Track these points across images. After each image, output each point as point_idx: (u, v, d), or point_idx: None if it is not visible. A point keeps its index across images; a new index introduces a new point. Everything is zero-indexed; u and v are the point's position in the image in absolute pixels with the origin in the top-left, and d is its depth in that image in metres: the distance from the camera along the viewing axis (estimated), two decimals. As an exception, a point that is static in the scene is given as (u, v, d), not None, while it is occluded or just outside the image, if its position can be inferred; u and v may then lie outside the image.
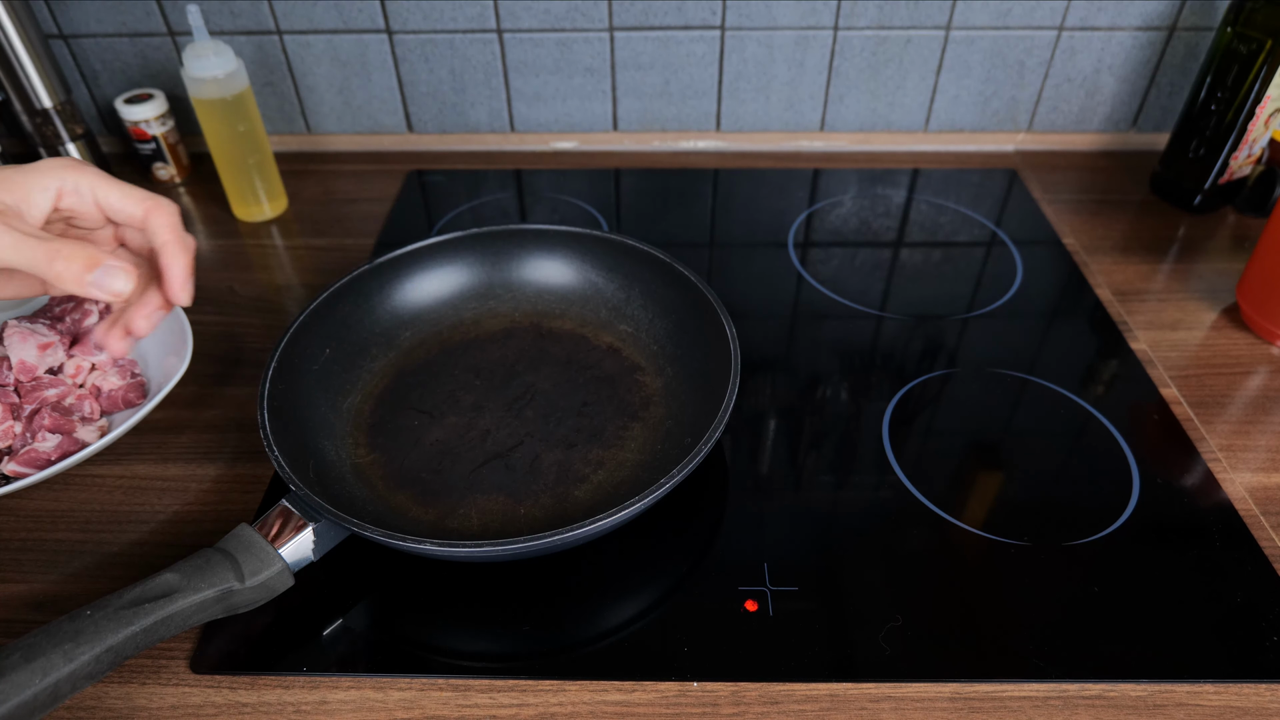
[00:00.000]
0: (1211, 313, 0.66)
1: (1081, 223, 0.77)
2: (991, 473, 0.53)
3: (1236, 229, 0.76)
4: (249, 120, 0.72)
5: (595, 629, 0.45)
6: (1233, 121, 0.72)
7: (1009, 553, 0.48)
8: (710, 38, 0.81)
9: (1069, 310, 0.67)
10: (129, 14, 0.79)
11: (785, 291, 0.69)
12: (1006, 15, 0.80)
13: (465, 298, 0.62)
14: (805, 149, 0.89)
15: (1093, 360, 0.62)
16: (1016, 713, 0.41)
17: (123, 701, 0.42)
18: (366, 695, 0.42)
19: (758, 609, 0.45)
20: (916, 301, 0.67)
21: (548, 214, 0.79)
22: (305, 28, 0.80)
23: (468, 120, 0.87)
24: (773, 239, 0.75)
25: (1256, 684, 0.42)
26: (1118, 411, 0.57)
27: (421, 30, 0.81)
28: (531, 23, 0.80)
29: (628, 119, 0.88)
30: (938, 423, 0.57)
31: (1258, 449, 0.55)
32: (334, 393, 0.55)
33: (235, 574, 0.40)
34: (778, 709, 0.41)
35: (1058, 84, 0.84)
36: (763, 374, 0.60)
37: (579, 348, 0.59)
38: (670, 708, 0.41)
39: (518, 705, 0.41)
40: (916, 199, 0.81)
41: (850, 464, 0.54)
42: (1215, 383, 0.60)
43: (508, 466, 0.51)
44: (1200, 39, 0.81)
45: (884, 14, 0.80)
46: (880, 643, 0.43)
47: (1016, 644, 0.43)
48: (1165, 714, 0.41)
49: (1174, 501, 0.51)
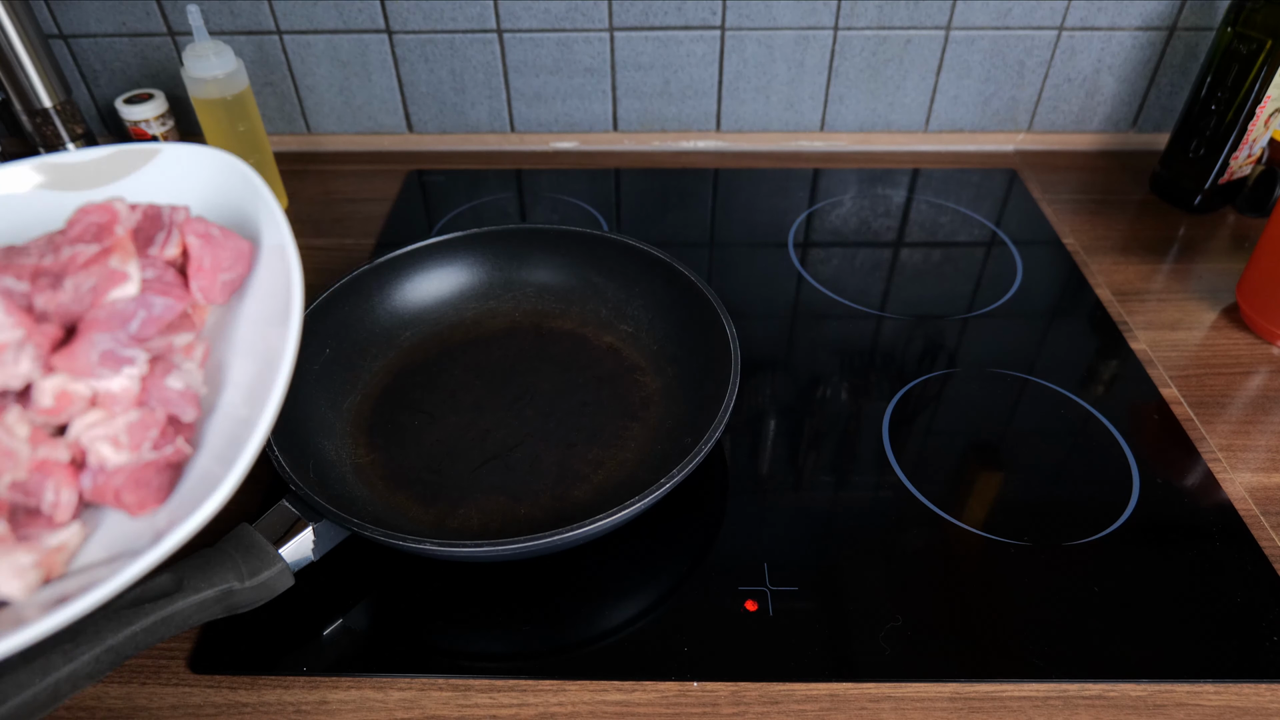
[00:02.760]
0: (1211, 313, 0.66)
1: (1081, 223, 0.77)
2: (991, 473, 0.53)
3: (1236, 229, 0.76)
4: (249, 120, 0.72)
5: (595, 629, 0.45)
6: (1233, 121, 0.72)
7: (1009, 553, 0.48)
8: (710, 38, 0.81)
9: (1069, 310, 0.67)
10: (129, 14, 0.79)
11: (785, 291, 0.69)
12: (1006, 15, 0.80)
13: (465, 298, 0.62)
14: (805, 149, 0.89)
15: (1093, 360, 0.62)
16: (1016, 713, 0.41)
17: (123, 701, 0.42)
18: (366, 695, 0.42)
19: (758, 609, 0.45)
20: (916, 301, 0.67)
21: (548, 214, 0.79)
22: (305, 28, 0.80)
23: (468, 120, 0.87)
24: (773, 239, 0.75)
25: (1256, 684, 0.42)
26: (1118, 411, 0.57)
27: (421, 30, 0.81)
28: (531, 23, 0.80)
29: (628, 119, 0.88)
30: (938, 423, 0.57)
31: (1258, 449, 0.55)
32: (334, 393, 0.55)
33: (235, 574, 0.40)
34: (778, 709, 0.41)
35: (1058, 84, 0.84)
36: (763, 374, 0.60)
37: (579, 348, 0.59)
38: (670, 708, 0.41)
39: (518, 705, 0.41)
40: (916, 199, 0.81)
41: (850, 464, 0.54)
42: (1215, 383, 0.60)
43: (508, 466, 0.51)
44: (1200, 39, 0.81)
45: (884, 14, 0.80)
46: (880, 643, 0.43)
47: (1016, 644, 0.43)
48: (1165, 714, 0.41)
49: (1174, 501, 0.51)
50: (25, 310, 0.28)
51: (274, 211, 0.35)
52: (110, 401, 0.29)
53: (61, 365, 0.28)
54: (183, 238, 0.33)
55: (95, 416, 0.29)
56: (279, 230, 0.35)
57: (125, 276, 0.29)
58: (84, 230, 0.30)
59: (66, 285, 0.29)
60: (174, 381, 0.30)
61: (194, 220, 0.33)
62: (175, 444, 0.30)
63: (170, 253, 0.33)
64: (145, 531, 0.28)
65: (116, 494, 0.29)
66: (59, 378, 0.29)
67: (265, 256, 0.35)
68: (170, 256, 0.33)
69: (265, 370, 0.30)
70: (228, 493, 0.28)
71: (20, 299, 0.28)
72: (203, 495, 0.27)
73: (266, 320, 0.33)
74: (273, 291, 0.33)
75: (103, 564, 0.28)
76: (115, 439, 0.29)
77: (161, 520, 0.29)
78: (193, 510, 0.27)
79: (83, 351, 0.28)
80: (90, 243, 0.30)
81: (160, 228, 0.33)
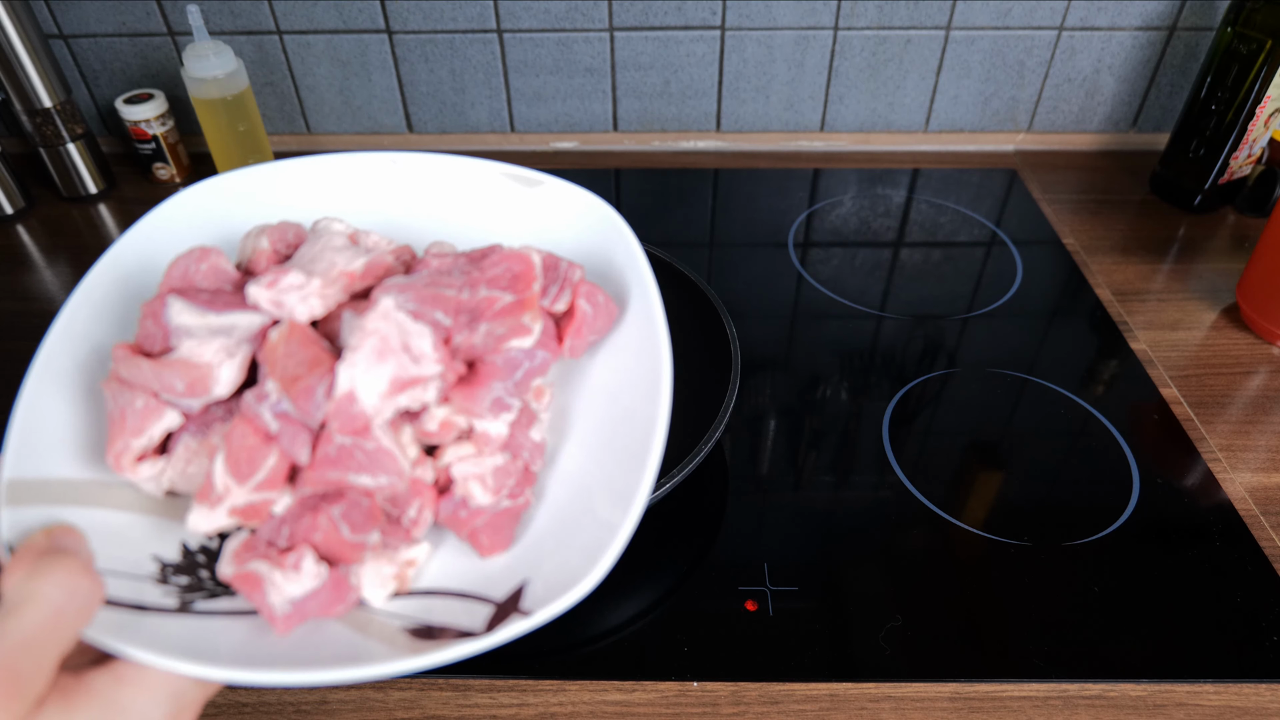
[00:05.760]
0: (1211, 313, 0.66)
1: (1081, 223, 0.77)
2: (991, 473, 0.53)
3: (1236, 229, 0.76)
4: (249, 120, 0.72)
5: (595, 629, 0.45)
6: (1233, 121, 0.72)
7: (1009, 553, 0.48)
8: (710, 38, 0.81)
9: (1069, 310, 0.67)
10: (129, 14, 0.79)
11: (785, 291, 0.69)
12: (1006, 15, 0.80)
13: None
14: (805, 149, 0.89)
15: (1093, 360, 0.62)
16: (1016, 713, 0.41)
17: (123, 701, 0.42)
18: (366, 695, 0.42)
19: (758, 609, 0.45)
20: (916, 301, 0.67)
21: (548, 214, 0.79)
22: (305, 28, 0.80)
23: (468, 120, 0.87)
24: (773, 239, 0.75)
25: (1256, 684, 0.42)
26: (1118, 411, 0.57)
27: (421, 30, 0.81)
28: (531, 23, 0.80)
29: (628, 119, 0.88)
30: (938, 423, 0.57)
31: (1258, 449, 0.55)
32: (334, 393, 0.55)
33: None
34: (778, 709, 0.41)
35: (1058, 84, 0.84)
36: (763, 374, 0.60)
37: (579, 348, 0.59)
38: (670, 708, 0.41)
39: (518, 705, 0.41)
40: (916, 199, 0.81)
41: (850, 464, 0.54)
42: (1215, 383, 0.60)
43: (508, 466, 0.51)
44: (1200, 39, 0.81)
45: (884, 14, 0.80)
46: (880, 643, 0.43)
47: (1016, 644, 0.43)
48: (1165, 714, 0.41)
49: (1174, 501, 0.51)
50: (445, 343, 0.30)
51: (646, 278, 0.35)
52: (484, 441, 0.31)
53: (459, 403, 0.30)
54: (574, 298, 0.34)
55: (468, 451, 0.31)
56: (648, 299, 0.35)
57: (529, 331, 0.31)
58: (501, 275, 0.32)
59: (480, 329, 0.31)
60: (535, 433, 0.32)
61: (587, 284, 0.34)
62: (525, 494, 0.32)
63: (559, 308, 0.34)
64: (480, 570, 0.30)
65: (475, 533, 0.30)
66: (448, 408, 0.30)
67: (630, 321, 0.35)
68: (556, 310, 0.34)
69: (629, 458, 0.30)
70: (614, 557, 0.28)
71: (443, 332, 0.30)
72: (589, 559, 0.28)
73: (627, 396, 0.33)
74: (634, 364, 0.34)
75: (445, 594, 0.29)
76: (483, 479, 0.31)
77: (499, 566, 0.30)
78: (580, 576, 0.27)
79: (482, 395, 0.31)
80: (506, 289, 0.31)
81: (555, 280, 0.34)
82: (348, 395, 0.28)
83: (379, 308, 0.29)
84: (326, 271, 0.31)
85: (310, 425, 0.29)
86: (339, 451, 0.28)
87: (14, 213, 0.78)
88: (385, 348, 0.29)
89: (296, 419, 0.29)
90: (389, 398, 0.29)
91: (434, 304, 0.30)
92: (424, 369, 0.29)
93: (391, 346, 0.29)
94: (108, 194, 0.82)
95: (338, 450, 0.28)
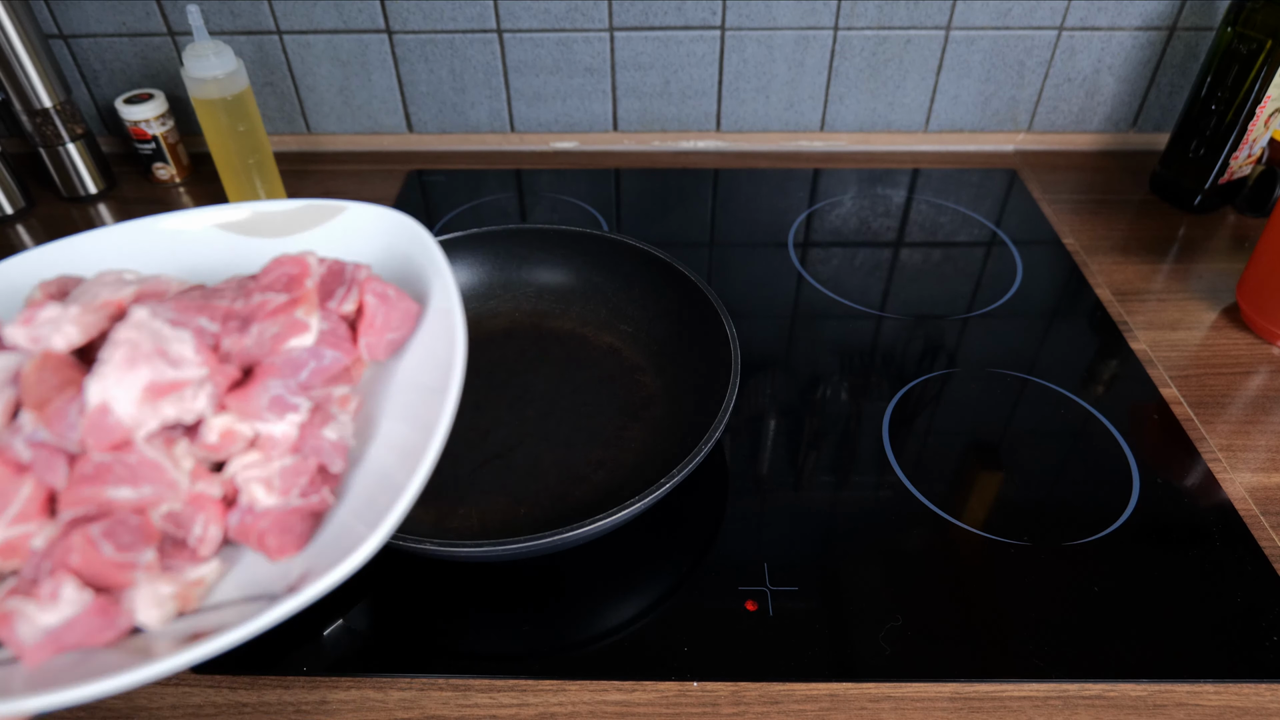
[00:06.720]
0: (1211, 313, 0.66)
1: (1081, 223, 0.77)
2: (991, 473, 0.53)
3: (1236, 229, 0.76)
4: (249, 120, 0.72)
5: (595, 629, 0.45)
6: (1233, 121, 0.72)
7: (1009, 553, 0.48)
8: (710, 38, 0.81)
9: (1069, 310, 0.67)
10: (129, 14, 0.79)
11: (785, 291, 0.69)
12: (1006, 15, 0.80)
13: (465, 298, 0.62)
14: (805, 149, 0.89)
15: (1093, 360, 0.62)
16: (1016, 713, 0.41)
17: (123, 701, 0.42)
18: (366, 695, 0.42)
19: (758, 609, 0.45)
20: (916, 301, 0.67)
21: (548, 214, 0.79)
22: (305, 28, 0.80)
23: (468, 120, 0.87)
24: (773, 239, 0.75)
25: (1256, 684, 0.42)
26: (1118, 411, 0.57)
27: (421, 30, 0.81)
28: (531, 23, 0.80)
29: (628, 119, 0.88)
30: (938, 423, 0.57)
31: (1258, 449, 0.55)
32: (334, 393, 0.55)
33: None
34: (778, 709, 0.41)
35: (1058, 84, 0.84)
36: (763, 374, 0.60)
37: (579, 348, 0.59)
38: (670, 708, 0.41)
39: (518, 705, 0.41)
40: (916, 199, 0.81)
41: (850, 464, 0.54)
42: (1215, 383, 0.60)
43: (508, 466, 0.51)
44: (1200, 39, 0.81)
45: (884, 14, 0.80)
46: (880, 643, 0.43)
47: (1016, 644, 0.43)
48: (1165, 714, 0.41)
49: (1174, 501, 0.51)
50: (212, 350, 0.29)
51: (445, 277, 0.35)
52: (269, 445, 0.30)
53: (234, 406, 0.30)
54: (361, 295, 0.34)
55: (253, 458, 0.30)
56: (448, 295, 0.35)
57: (306, 327, 0.30)
58: (276, 279, 0.32)
59: (252, 330, 0.30)
60: (329, 432, 0.31)
61: (373, 279, 0.34)
62: (321, 493, 0.31)
63: (347, 308, 0.33)
64: (278, 577, 0.29)
65: (260, 536, 0.29)
66: (227, 417, 0.30)
67: (430, 319, 0.35)
68: (346, 311, 0.33)
69: (418, 435, 0.30)
70: (370, 552, 0.27)
71: (209, 339, 0.30)
72: (344, 551, 0.27)
73: (424, 384, 0.33)
74: (433, 354, 0.34)
75: (234, 604, 0.28)
76: (268, 481, 0.30)
77: (296, 569, 0.29)
78: (333, 565, 0.27)
79: (256, 395, 0.30)
80: (280, 291, 0.31)
81: (341, 283, 0.34)
82: (100, 408, 0.27)
83: (131, 318, 0.28)
84: (89, 301, 0.30)
85: (68, 448, 0.28)
86: (96, 468, 0.28)
87: (14, 213, 0.78)
88: (136, 355, 0.28)
89: (53, 444, 0.28)
90: (147, 405, 0.28)
91: (198, 312, 0.30)
92: (185, 373, 0.28)
93: (143, 352, 0.28)
94: (108, 194, 0.82)
95: (95, 467, 0.28)
